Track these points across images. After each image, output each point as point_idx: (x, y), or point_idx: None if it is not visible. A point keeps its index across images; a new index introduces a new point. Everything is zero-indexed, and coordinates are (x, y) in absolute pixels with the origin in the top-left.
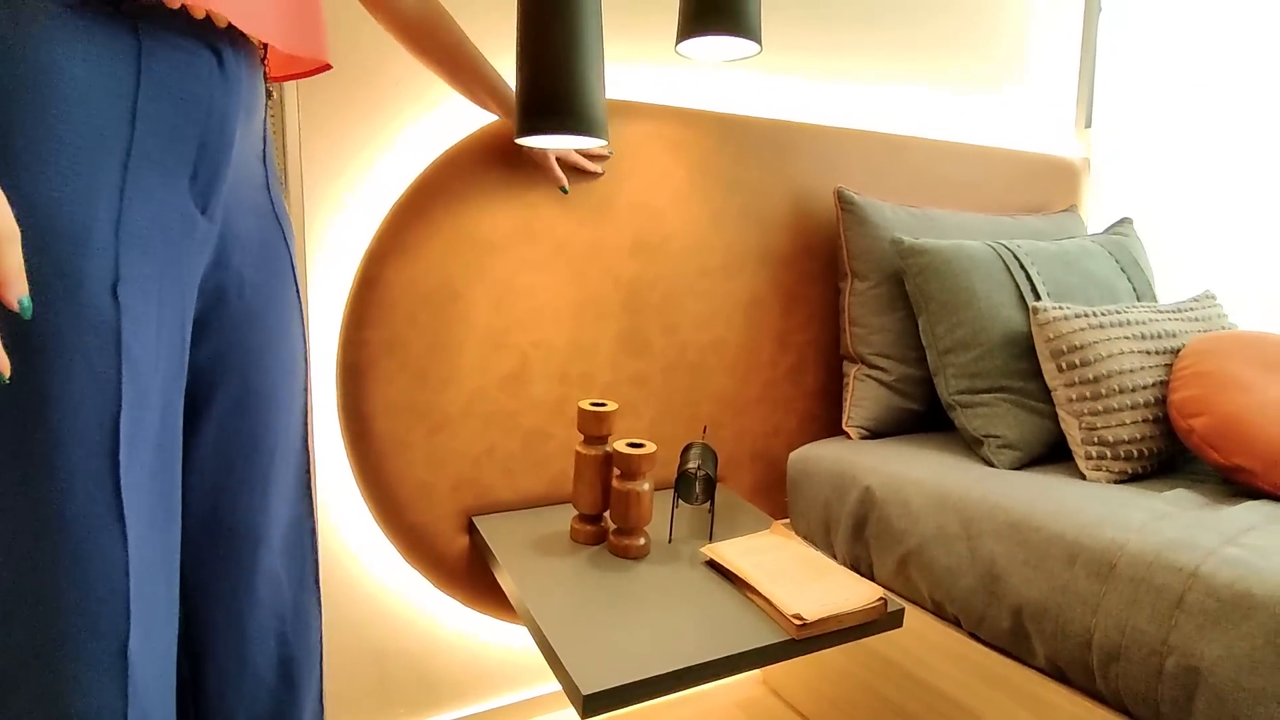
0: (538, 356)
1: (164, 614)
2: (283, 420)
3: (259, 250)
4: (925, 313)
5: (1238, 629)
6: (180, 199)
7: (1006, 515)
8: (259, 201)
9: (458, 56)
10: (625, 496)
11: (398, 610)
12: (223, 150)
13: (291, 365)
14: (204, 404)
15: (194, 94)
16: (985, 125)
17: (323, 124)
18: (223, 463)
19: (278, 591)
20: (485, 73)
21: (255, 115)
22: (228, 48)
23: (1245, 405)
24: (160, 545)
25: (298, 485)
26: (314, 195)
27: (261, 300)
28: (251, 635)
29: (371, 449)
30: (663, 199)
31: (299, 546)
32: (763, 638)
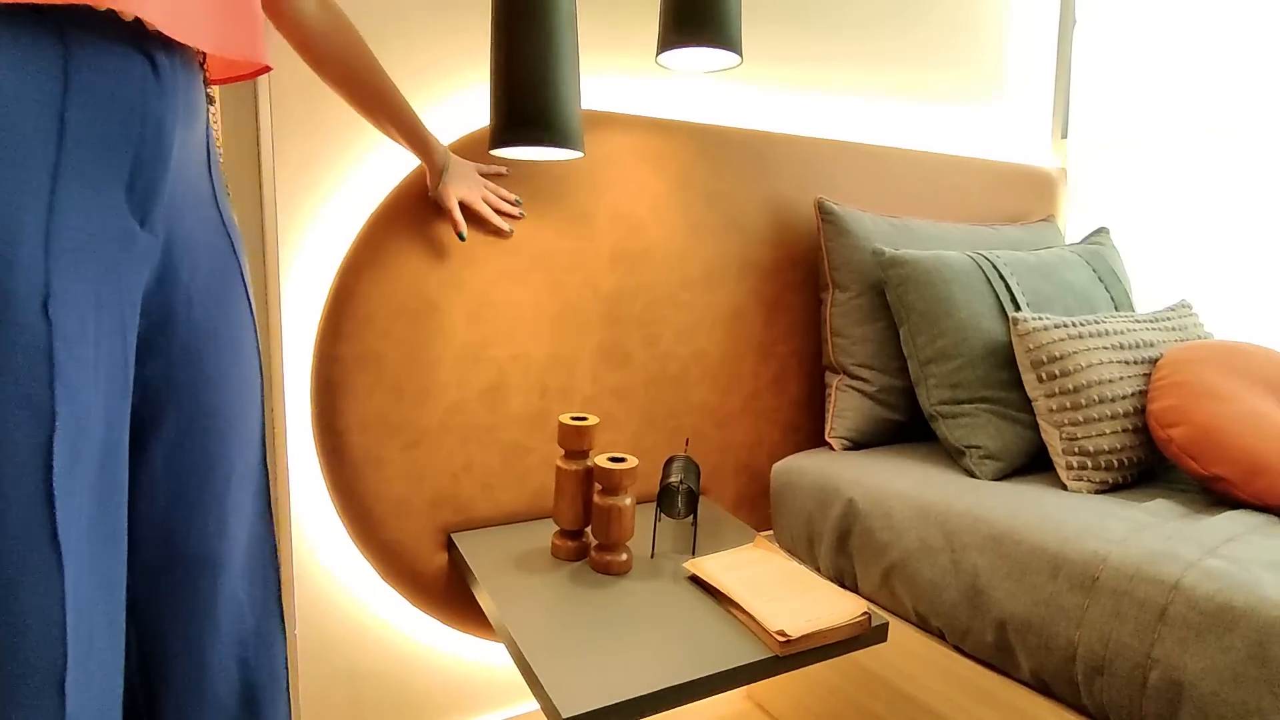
0: (516, 369)
1: (107, 648)
2: (238, 439)
3: (207, 264)
4: (906, 323)
5: (1220, 642)
6: (116, 211)
7: (989, 528)
8: (205, 213)
9: (364, 80)
10: (607, 512)
11: (373, 630)
12: (160, 159)
13: (246, 382)
14: (153, 426)
15: (127, 101)
16: (964, 136)
17: (296, 133)
18: (176, 487)
19: (239, 617)
20: (395, 103)
21: (196, 123)
22: (161, 53)
23: (1222, 415)
24: (103, 574)
25: (257, 506)
26: (287, 206)
27: (212, 316)
28: (212, 665)
29: (346, 465)
30: (643, 210)
31: (261, 569)
32: (746, 655)
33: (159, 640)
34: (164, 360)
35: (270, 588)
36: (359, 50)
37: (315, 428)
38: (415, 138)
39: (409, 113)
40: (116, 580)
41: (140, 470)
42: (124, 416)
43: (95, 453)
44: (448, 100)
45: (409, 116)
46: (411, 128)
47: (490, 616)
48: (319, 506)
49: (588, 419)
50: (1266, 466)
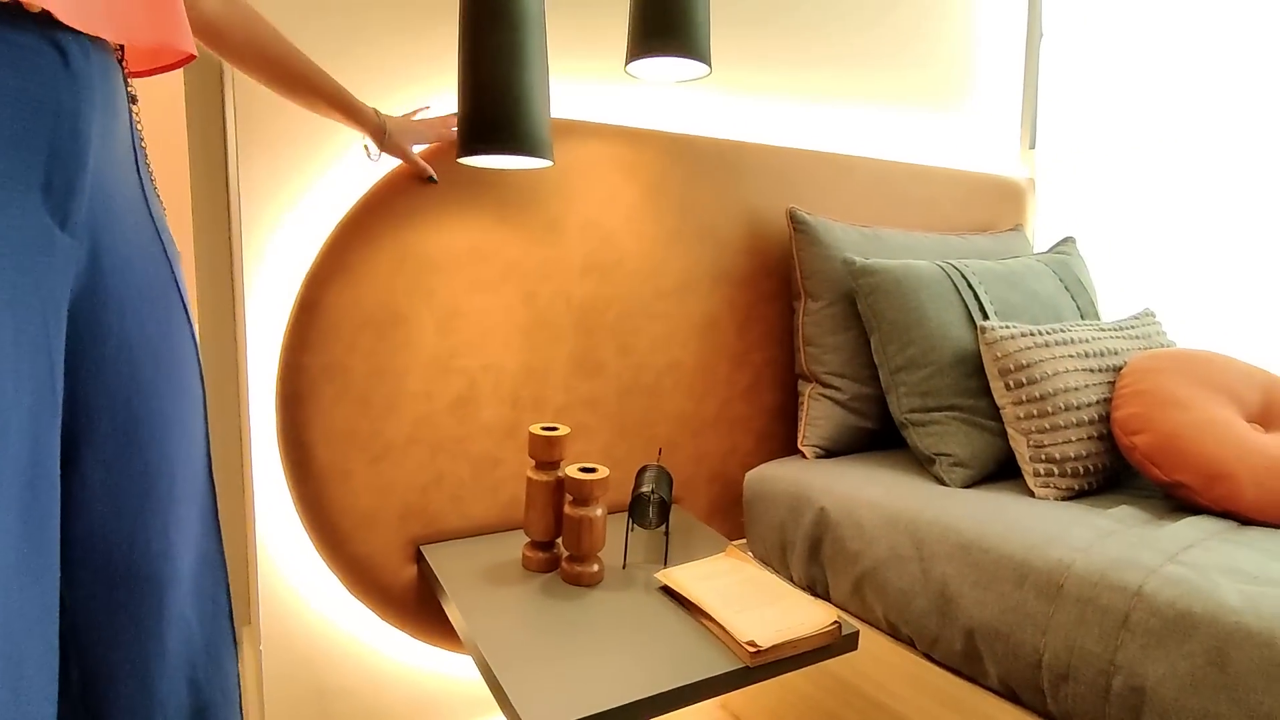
0: (487, 380)
1: (39, 673)
2: (180, 451)
3: (140, 269)
4: (877, 332)
5: (1180, 648)
6: (32, 212)
7: (958, 536)
8: (135, 216)
9: (283, 65)
10: (578, 523)
11: (341, 645)
12: (78, 156)
13: (186, 392)
14: (86, 440)
15: (36, 95)
16: (934, 147)
17: (262, 139)
18: (114, 503)
19: (188, 636)
20: (318, 80)
21: (116, 117)
22: (73, 42)
23: (1183, 423)
24: (35, 595)
25: (204, 519)
26: (252, 214)
27: (146, 324)
28: (160, 688)
29: (312, 478)
30: (615, 219)
31: (210, 585)
32: (717, 666)
33: (101, 665)
34: (96, 372)
35: (220, 604)
36: (271, 37)
37: (280, 440)
38: (346, 108)
39: (334, 87)
40: (49, 604)
41: (75, 487)
42: (53, 431)
43: (20, 469)
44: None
45: (335, 90)
46: (340, 100)
47: (459, 630)
48: (285, 520)
49: (559, 429)
50: (1226, 473)
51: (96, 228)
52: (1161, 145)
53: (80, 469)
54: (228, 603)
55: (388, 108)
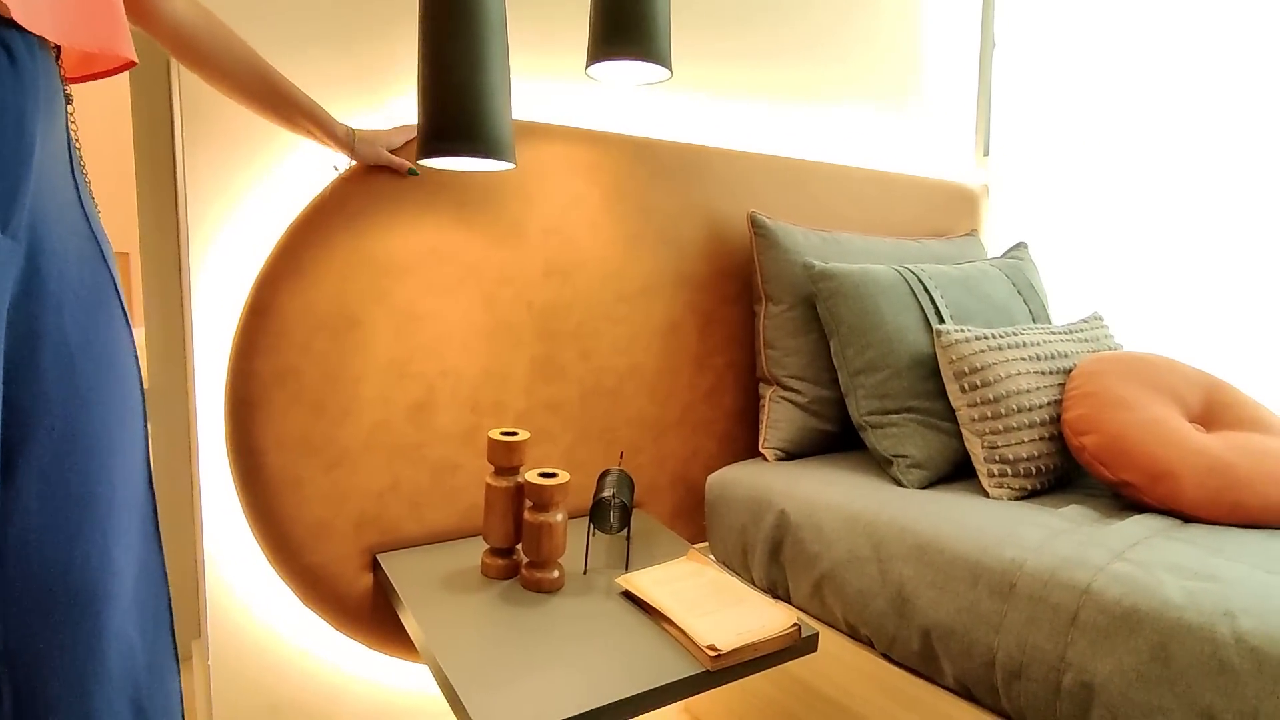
0: (445, 385)
1: None
2: (119, 462)
3: (77, 273)
4: (836, 335)
5: (1126, 644)
6: None
7: (914, 538)
8: (71, 218)
9: (248, 74)
10: (537, 528)
11: (295, 659)
12: (22, 155)
13: (124, 400)
14: (21, 450)
15: None
16: (893, 153)
17: (208, 137)
18: (51, 516)
19: (129, 655)
20: (284, 91)
21: (56, 118)
22: (18, 39)
23: (1129, 423)
24: None
25: (144, 531)
26: (198, 213)
27: (84, 329)
28: (99, 710)
29: (264, 486)
30: (576, 223)
31: (152, 600)
32: (677, 671)
33: (38, 687)
34: (33, 378)
35: (163, 620)
36: (236, 45)
37: (230, 448)
38: (319, 123)
39: (301, 98)
40: None
41: (10, 499)
42: None
43: None
44: (379, 109)
45: (308, 105)
46: (313, 115)
47: (415, 639)
48: (235, 530)
49: (518, 434)
50: (1169, 472)
51: (36, 229)
52: (1108, 153)
53: (15, 480)
54: (170, 618)
55: (344, 110)
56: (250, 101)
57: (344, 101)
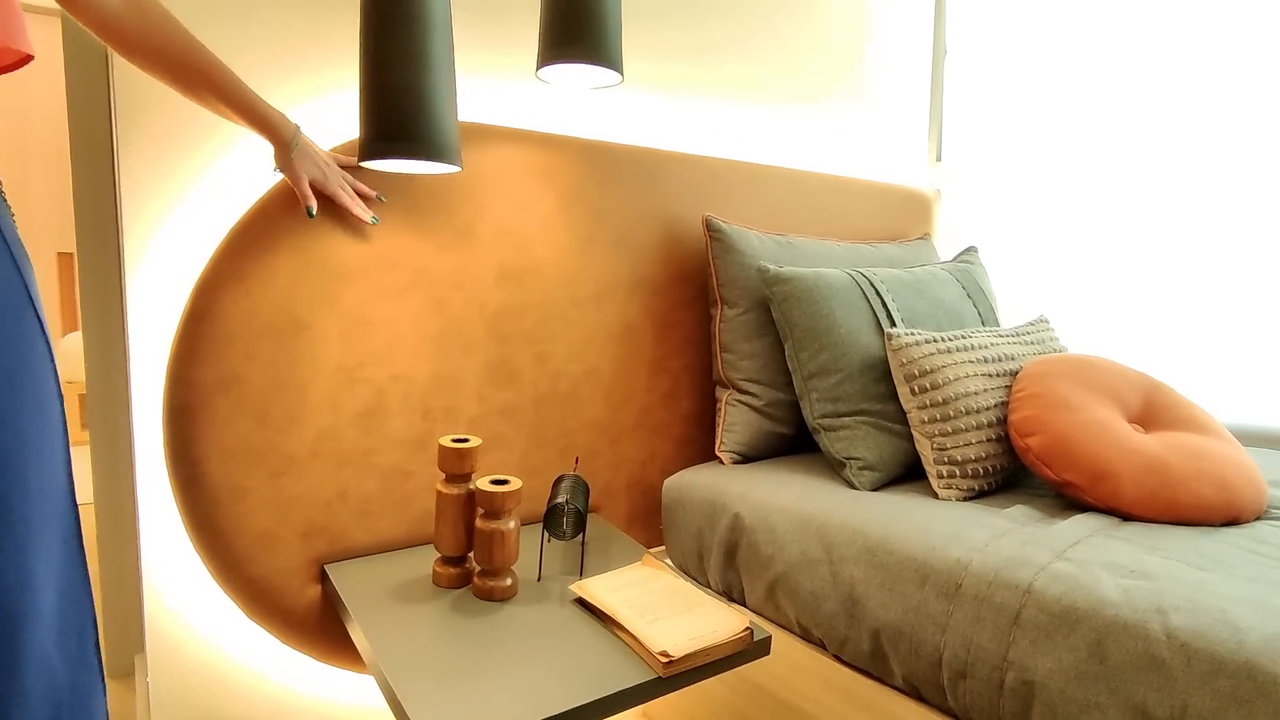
0: (396, 391)
1: None
2: (38, 478)
3: None
4: (790, 339)
5: (1065, 642)
6: None
7: (864, 539)
8: None
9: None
10: (489, 536)
11: (239, 674)
12: None
13: (41, 412)
14: None
15: None
16: (849, 158)
17: (146, 130)
18: None
19: (50, 676)
20: (223, 80)
21: None
22: None
23: (1072, 424)
24: None
25: (66, 548)
26: (135, 214)
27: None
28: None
29: (205, 497)
30: (530, 226)
31: (75, 619)
32: (630, 678)
33: None
34: None
35: (86, 639)
36: (167, 27)
37: (168, 458)
38: (253, 114)
39: (241, 88)
40: None
41: None
42: None
43: None
44: (318, 101)
45: (242, 92)
46: (247, 104)
47: (362, 651)
48: (174, 543)
49: (469, 440)
50: (1109, 472)
51: None
52: (1056, 160)
53: None
54: (95, 635)
55: (286, 101)
56: (183, 88)
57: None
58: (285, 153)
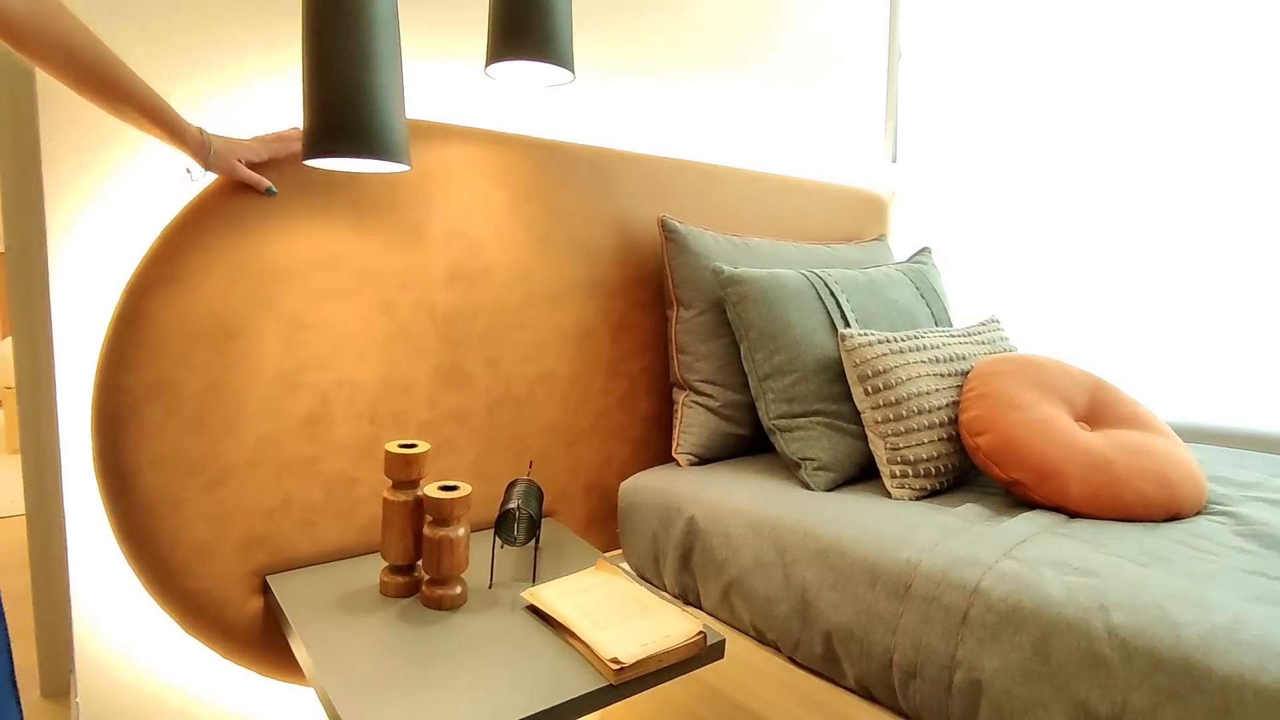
0: (341, 396)
1: None
2: None
3: None
4: (746, 340)
5: (1011, 641)
6: None
7: (817, 541)
8: None
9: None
10: (437, 544)
11: (175, 690)
12: None
13: None
14: None
15: None
16: (806, 159)
17: (71, 124)
18: None
19: None
20: (129, 85)
21: None
22: None
23: (1020, 423)
24: None
25: None
26: (60, 212)
27: None
28: None
29: (137, 509)
30: (482, 226)
31: None
32: (580, 686)
33: None
34: None
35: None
36: (76, 34)
37: (98, 469)
38: (163, 123)
39: (151, 97)
40: None
41: None
42: None
43: None
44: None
45: (151, 101)
46: (156, 113)
47: (303, 665)
48: (105, 556)
49: (418, 446)
50: (1055, 470)
51: None
52: (1007, 162)
53: None
54: (7, 656)
55: (220, 101)
56: (84, 92)
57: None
58: (204, 158)
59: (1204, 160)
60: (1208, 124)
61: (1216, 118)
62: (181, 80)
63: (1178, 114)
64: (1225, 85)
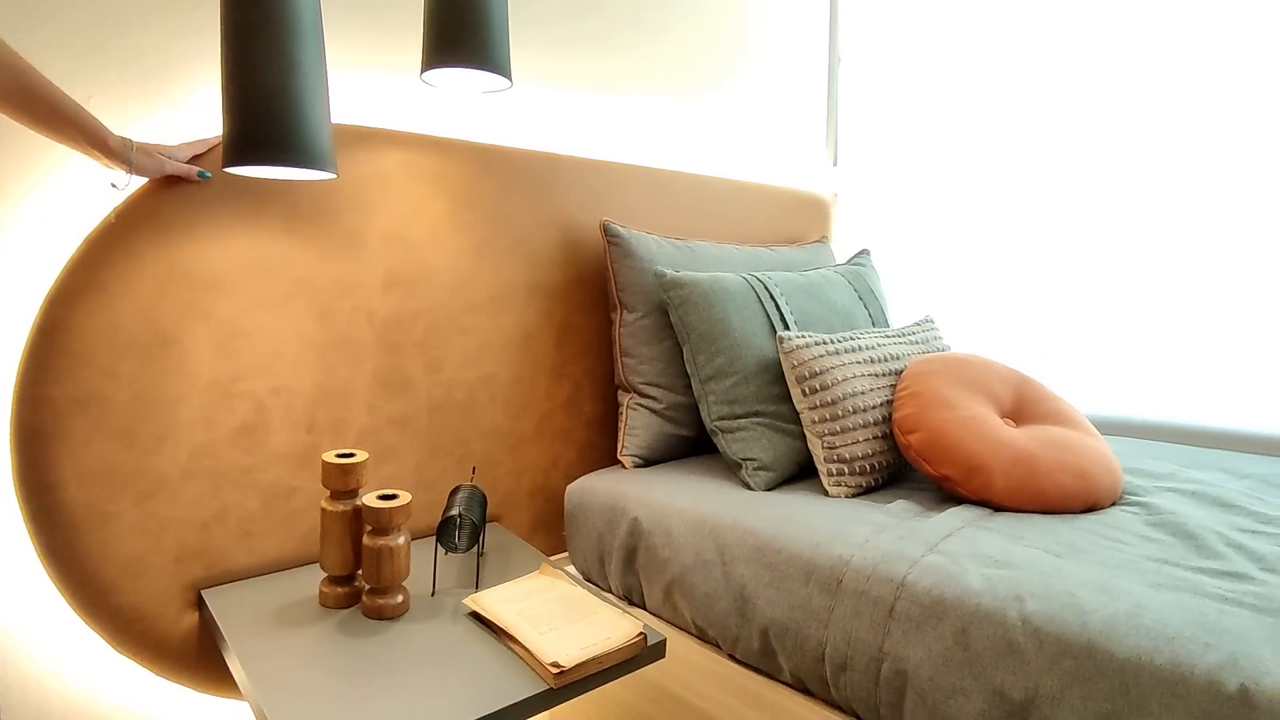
0: (277, 405)
1: None
2: None
3: None
4: (688, 343)
5: (934, 631)
6: None
7: (754, 539)
8: None
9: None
10: (377, 553)
11: (106, 712)
12: None
13: None
14: None
15: None
16: (749, 162)
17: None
18: None
19: None
20: (43, 94)
21: None
22: None
23: (949, 420)
24: None
25: None
26: None
27: None
28: None
29: (62, 525)
30: (420, 231)
31: None
32: (520, 691)
33: None
34: None
35: None
36: None
37: (18, 485)
38: (77, 129)
39: (64, 102)
40: None
41: None
42: None
43: None
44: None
45: (64, 106)
46: (71, 119)
47: (238, 679)
48: (27, 575)
49: (355, 455)
50: (981, 465)
51: None
52: (943, 166)
53: None
54: None
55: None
56: (4, 108)
57: (115, 105)
58: (126, 165)
59: (1120, 167)
60: (1129, 131)
61: (1138, 124)
62: (104, 90)
63: (1102, 120)
64: (1150, 91)
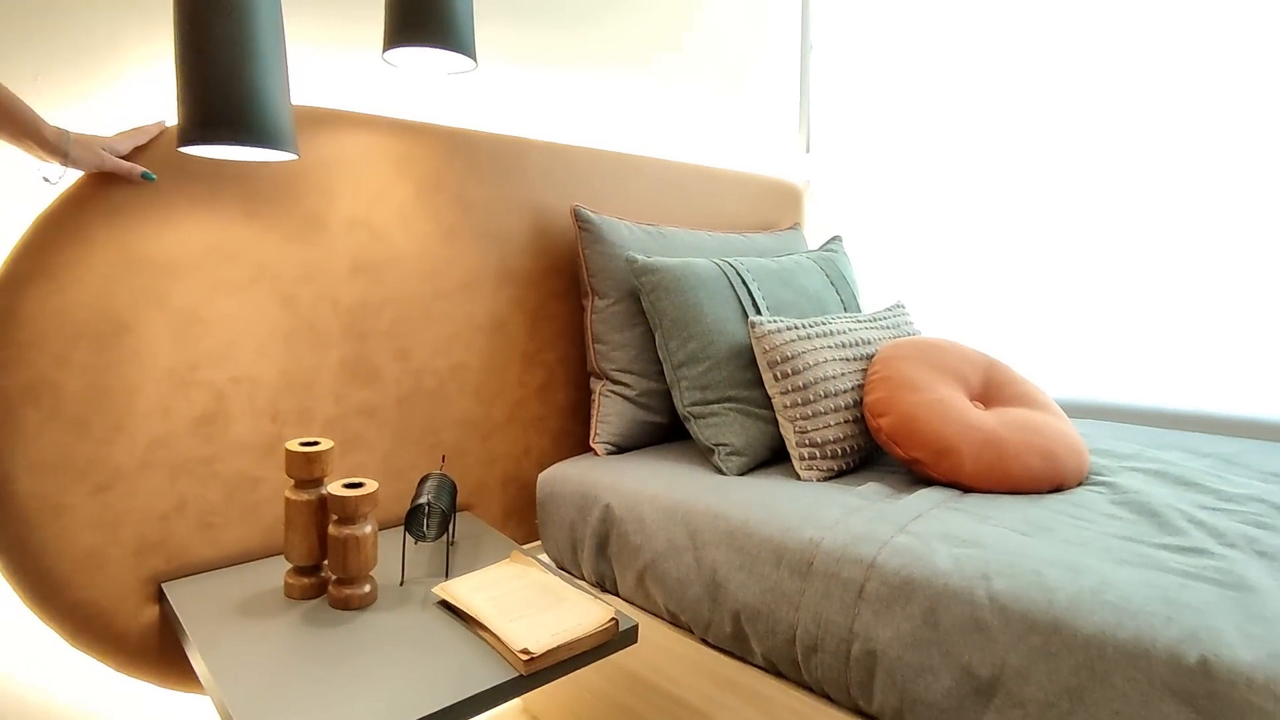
0: (239, 394)
1: None
2: None
3: None
4: (660, 329)
5: (903, 611)
6: None
7: (726, 524)
8: None
9: None
10: (343, 543)
11: (62, 711)
12: None
13: None
14: None
15: None
16: (722, 149)
17: None
18: None
19: None
20: None
21: None
22: None
23: (918, 404)
24: None
25: None
26: None
27: None
28: None
29: (14, 518)
30: (387, 217)
31: None
32: (490, 679)
33: None
34: None
35: None
36: None
37: None
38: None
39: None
40: None
41: None
42: None
43: None
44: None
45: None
46: (9, 112)
47: (199, 673)
48: None
49: (320, 444)
50: (950, 448)
51: None
52: (914, 153)
53: None
54: None
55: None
56: None
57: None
58: (63, 158)
59: (1082, 157)
60: (1092, 121)
61: (1101, 113)
62: (46, 74)
63: (1067, 109)
64: (1112, 83)
